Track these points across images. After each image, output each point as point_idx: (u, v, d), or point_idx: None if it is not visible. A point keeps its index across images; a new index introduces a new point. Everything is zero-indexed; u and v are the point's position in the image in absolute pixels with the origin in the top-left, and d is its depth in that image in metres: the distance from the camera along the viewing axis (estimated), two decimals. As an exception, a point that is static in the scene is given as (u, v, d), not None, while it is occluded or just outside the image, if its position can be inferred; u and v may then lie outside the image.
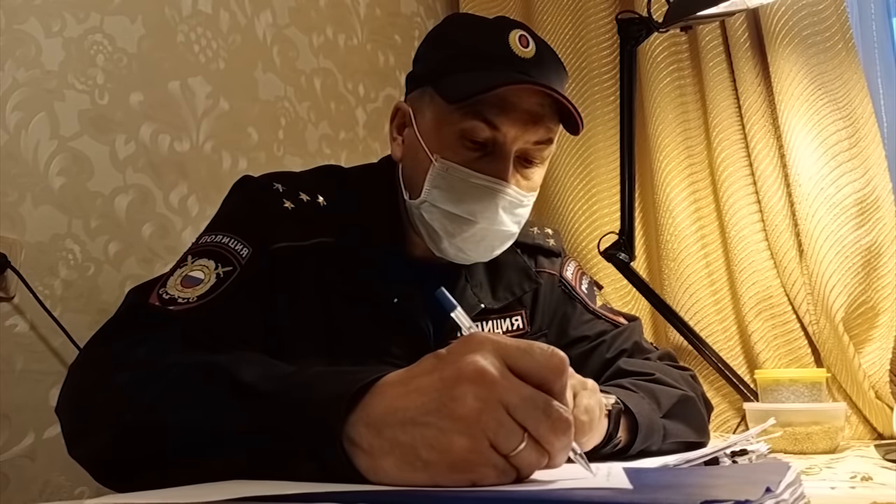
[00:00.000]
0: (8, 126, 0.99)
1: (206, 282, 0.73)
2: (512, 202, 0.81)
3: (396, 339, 0.81)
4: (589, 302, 0.99)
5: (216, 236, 0.78)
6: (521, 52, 0.78)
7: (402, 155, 0.87)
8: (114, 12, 1.14)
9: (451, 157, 0.79)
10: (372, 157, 1.61)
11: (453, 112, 0.78)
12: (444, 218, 0.80)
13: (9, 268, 0.96)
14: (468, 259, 0.85)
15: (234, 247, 0.77)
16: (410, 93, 0.87)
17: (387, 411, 0.44)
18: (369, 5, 1.67)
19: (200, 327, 0.68)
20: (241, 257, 0.76)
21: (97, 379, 0.63)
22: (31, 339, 1.00)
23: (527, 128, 0.78)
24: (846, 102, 1.31)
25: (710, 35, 1.46)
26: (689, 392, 0.87)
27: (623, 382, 0.83)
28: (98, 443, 0.59)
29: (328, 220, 0.83)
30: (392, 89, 1.70)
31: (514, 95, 0.76)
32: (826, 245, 1.27)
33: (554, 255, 1.00)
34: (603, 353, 0.93)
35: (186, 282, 0.73)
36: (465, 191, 0.79)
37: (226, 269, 0.74)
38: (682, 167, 1.49)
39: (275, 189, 0.82)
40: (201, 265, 0.75)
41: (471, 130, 0.77)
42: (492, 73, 0.76)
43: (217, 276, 0.73)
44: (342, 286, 0.80)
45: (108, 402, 0.59)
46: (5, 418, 0.96)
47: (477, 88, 0.75)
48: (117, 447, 0.57)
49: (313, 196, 0.84)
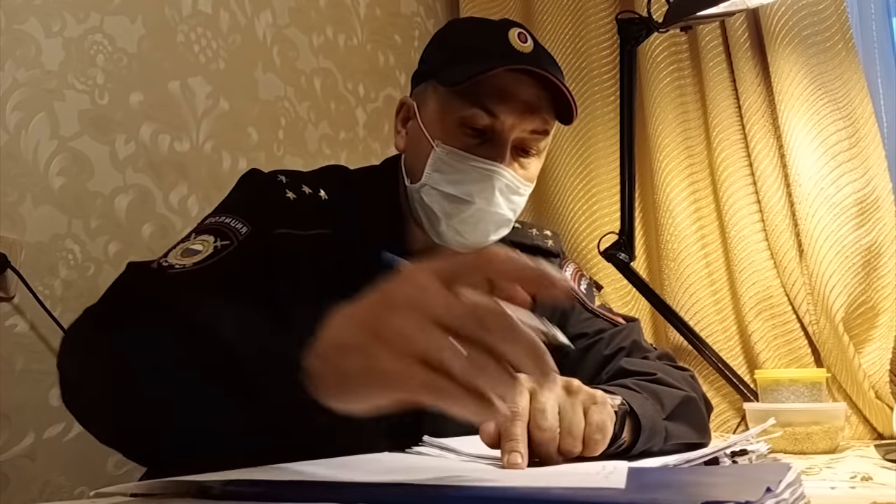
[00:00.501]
0: (8, 126, 0.99)
1: (203, 252, 0.76)
2: (508, 185, 0.84)
3: None
4: (587, 301, 1.00)
5: (219, 217, 0.82)
6: (520, 47, 0.82)
7: (406, 145, 0.90)
8: (114, 12, 1.14)
9: (451, 142, 0.83)
10: (372, 157, 1.61)
11: (454, 100, 0.82)
12: (443, 199, 0.83)
13: (9, 268, 0.96)
14: (465, 243, 0.86)
15: (234, 225, 0.80)
16: (415, 88, 0.91)
17: (329, 340, 0.46)
18: (369, 5, 1.67)
19: (191, 289, 0.71)
20: (239, 234, 0.79)
21: (91, 338, 0.66)
22: (31, 339, 1.00)
23: (524, 116, 0.82)
24: (846, 102, 1.31)
25: (710, 35, 1.46)
26: (691, 393, 0.87)
27: (626, 382, 0.83)
28: (98, 430, 0.63)
29: (329, 214, 0.85)
30: (392, 89, 1.70)
31: (513, 86, 0.81)
32: (826, 245, 1.27)
33: (553, 256, 1.02)
34: (601, 349, 0.94)
35: (186, 253, 0.76)
36: (463, 172, 0.82)
37: (224, 242, 0.77)
38: (682, 167, 1.49)
39: (279, 180, 0.86)
40: (202, 240, 0.78)
41: (470, 118, 0.81)
42: (489, 62, 0.80)
43: (214, 248, 0.77)
44: (338, 277, 0.81)
45: (104, 366, 0.61)
46: (5, 418, 0.96)
47: (475, 71, 0.79)
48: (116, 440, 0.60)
49: (315, 190, 0.87)
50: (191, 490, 0.48)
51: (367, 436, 0.64)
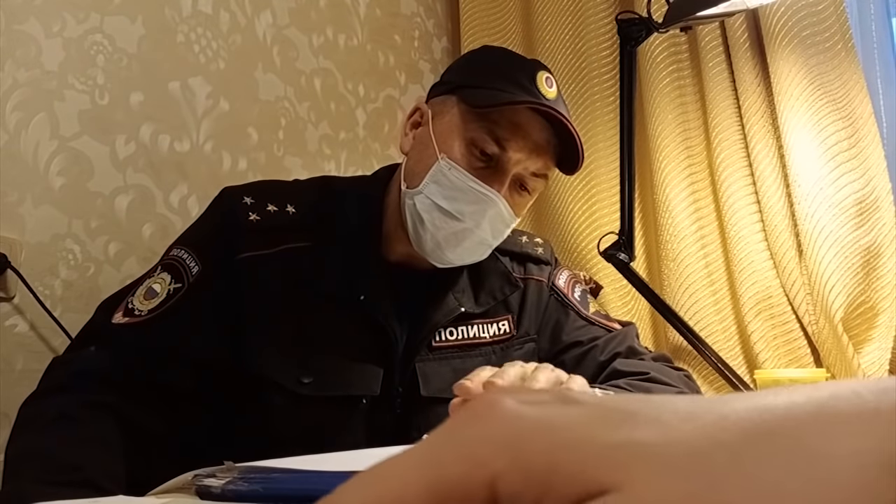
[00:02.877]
0: (8, 126, 0.99)
1: (159, 296, 0.80)
2: (499, 214, 0.85)
3: (363, 338, 0.84)
4: (581, 309, 1.00)
5: (179, 250, 0.84)
6: (545, 91, 0.85)
7: (410, 149, 0.91)
8: (114, 12, 1.14)
9: (457, 159, 0.84)
10: (372, 157, 1.61)
11: (471, 121, 0.84)
12: (434, 210, 0.84)
13: (9, 268, 0.96)
14: (441, 257, 0.87)
15: (188, 263, 0.82)
16: (433, 97, 0.92)
17: None
18: (369, 5, 1.67)
19: (140, 343, 0.77)
20: (191, 274, 0.81)
21: (31, 395, 0.77)
22: (31, 339, 1.00)
23: (530, 156, 0.84)
24: (846, 103, 1.31)
25: (710, 35, 1.46)
26: (686, 391, 0.87)
27: (619, 383, 0.84)
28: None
29: (299, 227, 0.86)
30: (392, 89, 1.70)
31: (527, 124, 0.83)
32: (825, 245, 1.27)
33: (543, 263, 1.02)
34: (596, 356, 0.94)
35: (148, 293, 0.80)
36: (461, 191, 0.83)
37: (176, 285, 0.80)
38: (681, 167, 1.49)
39: (243, 203, 0.86)
40: (161, 278, 0.82)
41: (482, 142, 0.83)
42: (516, 95, 0.83)
43: (167, 293, 0.80)
44: (312, 287, 0.84)
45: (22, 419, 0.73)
46: (5, 418, 0.96)
47: (501, 100, 0.81)
48: None
49: (282, 206, 0.88)
50: (191, 489, 0.48)
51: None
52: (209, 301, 0.81)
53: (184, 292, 0.80)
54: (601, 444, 0.14)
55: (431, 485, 0.15)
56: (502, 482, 0.15)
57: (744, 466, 0.13)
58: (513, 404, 0.16)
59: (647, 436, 0.14)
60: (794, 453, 0.13)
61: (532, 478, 0.14)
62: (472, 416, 0.16)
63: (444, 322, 0.88)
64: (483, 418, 0.16)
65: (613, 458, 0.14)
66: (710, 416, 0.14)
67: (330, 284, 0.84)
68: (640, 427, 0.14)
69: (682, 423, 0.14)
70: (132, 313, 0.79)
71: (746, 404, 0.14)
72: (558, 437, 0.15)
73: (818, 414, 0.13)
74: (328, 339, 0.82)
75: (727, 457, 0.13)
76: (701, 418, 0.14)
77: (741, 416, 0.14)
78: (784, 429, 0.13)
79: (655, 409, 0.15)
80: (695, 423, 0.14)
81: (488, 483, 0.15)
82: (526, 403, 0.16)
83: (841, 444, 0.13)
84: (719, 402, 0.15)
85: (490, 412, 0.16)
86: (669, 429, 0.14)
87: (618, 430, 0.15)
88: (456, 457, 0.15)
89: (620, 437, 0.14)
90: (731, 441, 0.13)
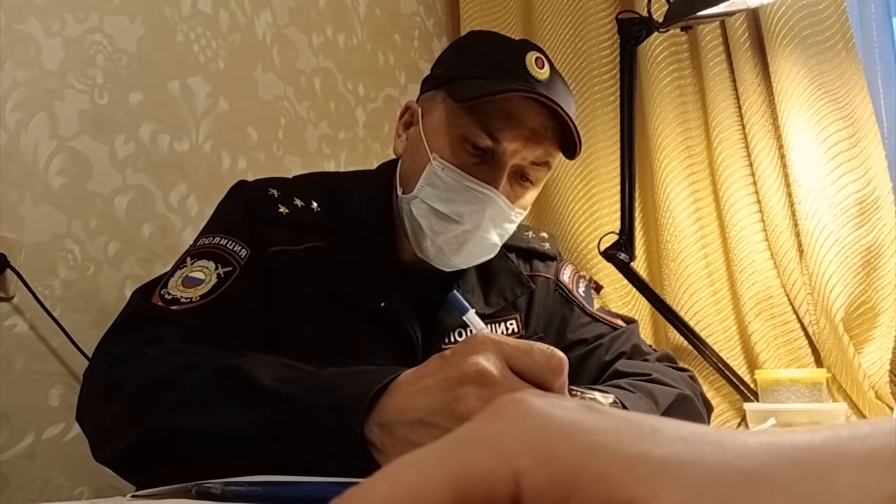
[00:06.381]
0: (8, 126, 0.99)
1: (208, 282, 0.74)
2: (500, 212, 0.82)
3: (384, 343, 0.82)
4: (586, 305, 0.99)
5: (213, 238, 0.79)
6: (536, 73, 0.79)
7: (404, 151, 0.88)
8: (114, 12, 1.14)
9: (449, 158, 0.81)
10: (372, 157, 1.61)
11: (460, 115, 0.80)
12: (431, 215, 0.81)
13: (9, 268, 0.96)
14: (446, 262, 0.85)
15: (233, 248, 0.78)
16: (423, 94, 0.88)
17: (396, 411, 0.47)
18: (369, 5, 1.67)
19: (203, 327, 0.70)
20: (240, 258, 0.77)
21: (113, 383, 0.63)
22: (31, 339, 1.00)
23: (527, 144, 0.79)
24: (846, 102, 1.31)
25: (710, 35, 1.46)
26: (688, 391, 0.87)
27: (620, 383, 0.83)
28: (121, 446, 0.60)
29: (322, 225, 0.84)
30: (392, 89, 1.70)
31: (521, 112, 0.78)
32: (826, 245, 1.27)
33: (549, 259, 1.01)
34: (601, 355, 0.93)
35: (188, 282, 0.74)
36: (456, 192, 0.80)
37: (226, 269, 0.75)
38: (682, 167, 1.49)
39: (270, 194, 0.84)
40: (201, 266, 0.76)
41: (473, 136, 0.79)
42: (504, 83, 0.77)
43: (218, 276, 0.74)
44: (333, 290, 0.81)
45: (129, 407, 0.60)
46: (5, 418, 0.96)
47: (485, 91, 0.76)
48: (142, 451, 0.58)
49: (308, 201, 0.85)
50: (191, 491, 0.48)
51: None
52: (258, 287, 0.77)
53: (237, 274, 0.75)
54: (627, 454, 0.15)
55: (455, 478, 0.15)
56: (527, 478, 0.15)
57: (758, 492, 0.14)
58: (541, 403, 0.16)
59: (671, 452, 0.15)
60: (803, 483, 0.14)
61: (558, 477, 0.15)
62: (498, 413, 0.16)
63: (455, 325, 0.86)
64: (511, 415, 0.16)
65: (639, 469, 0.14)
66: (734, 443, 0.15)
67: (350, 288, 0.82)
68: (664, 443, 0.15)
69: (704, 444, 0.15)
70: (178, 301, 0.71)
71: (767, 438, 0.15)
72: (587, 441, 0.15)
73: (833, 451, 0.14)
74: (349, 344, 0.80)
75: (743, 481, 0.14)
76: (722, 444, 0.15)
77: (761, 446, 0.15)
78: (796, 462, 0.14)
79: (679, 428, 0.16)
80: (716, 447, 0.15)
81: (513, 478, 0.15)
82: (554, 406, 0.16)
83: (845, 478, 0.14)
84: (742, 433, 0.16)
85: (518, 409, 0.16)
86: (692, 449, 0.15)
87: (643, 442, 0.15)
88: (481, 451, 0.16)
89: (645, 449, 0.15)
90: (749, 468, 0.14)
